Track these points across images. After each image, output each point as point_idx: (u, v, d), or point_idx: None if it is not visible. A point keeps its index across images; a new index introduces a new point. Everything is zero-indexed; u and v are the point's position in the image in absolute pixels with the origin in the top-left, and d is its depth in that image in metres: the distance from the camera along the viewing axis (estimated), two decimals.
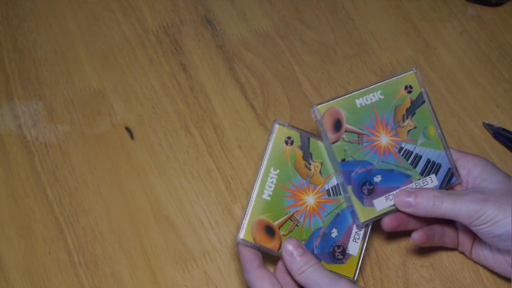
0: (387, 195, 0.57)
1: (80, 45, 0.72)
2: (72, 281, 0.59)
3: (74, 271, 0.59)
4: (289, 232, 0.56)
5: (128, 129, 0.67)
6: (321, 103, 0.58)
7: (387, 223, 0.56)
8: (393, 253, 0.61)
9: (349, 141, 0.58)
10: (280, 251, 0.55)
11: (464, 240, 0.60)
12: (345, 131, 0.58)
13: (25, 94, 0.68)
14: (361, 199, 0.57)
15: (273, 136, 0.58)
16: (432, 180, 0.58)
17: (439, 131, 0.59)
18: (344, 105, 0.59)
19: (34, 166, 0.64)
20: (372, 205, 0.57)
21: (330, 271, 0.53)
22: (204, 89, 0.70)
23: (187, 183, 0.64)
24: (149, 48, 0.72)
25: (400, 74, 0.60)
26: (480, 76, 0.72)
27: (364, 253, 0.57)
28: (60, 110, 0.68)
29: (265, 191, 0.56)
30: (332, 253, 0.56)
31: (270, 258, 0.60)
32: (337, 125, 0.58)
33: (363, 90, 0.60)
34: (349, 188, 0.57)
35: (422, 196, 0.55)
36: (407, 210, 0.56)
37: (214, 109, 0.69)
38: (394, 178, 0.58)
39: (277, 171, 0.57)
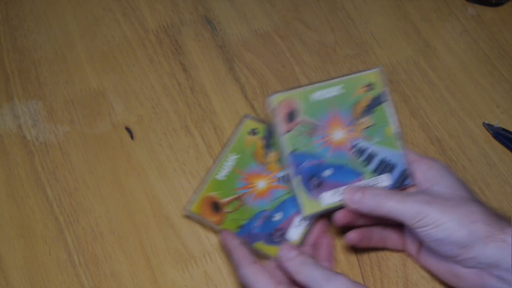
0: (335, 190, 0.57)
1: (80, 45, 0.72)
2: (72, 281, 0.59)
3: (74, 271, 0.59)
4: (234, 210, 0.59)
5: (128, 129, 0.67)
6: (278, 92, 0.58)
7: (339, 218, 0.56)
8: (393, 253, 0.61)
9: (301, 133, 0.57)
10: (220, 226, 0.58)
11: (411, 244, 0.59)
12: (299, 122, 0.57)
13: (25, 94, 0.68)
14: (308, 191, 0.56)
15: (239, 128, 0.63)
16: (385, 180, 0.58)
17: (398, 130, 0.59)
18: (302, 96, 0.58)
19: (34, 166, 0.64)
20: (319, 198, 0.56)
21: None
22: (204, 89, 0.70)
23: (187, 183, 0.64)
24: (149, 48, 0.72)
25: (364, 71, 0.60)
26: (480, 76, 0.72)
27: (304, 239, 0.57)
28: (60, 110, 0.68)
29: (220, 172, 0.61)
30: (270, 234, 0.58)
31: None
32: (291, 115, 0.57)
33: (323, 83, 0.59)
34: (297, 179, 0.56)
35: (369, 194, 0.55)
36: (353, 206, 0.55)
37: (214, 109, 0.69)
38: (344, 174, 0.57)
39: (236, 156, 0.61)
